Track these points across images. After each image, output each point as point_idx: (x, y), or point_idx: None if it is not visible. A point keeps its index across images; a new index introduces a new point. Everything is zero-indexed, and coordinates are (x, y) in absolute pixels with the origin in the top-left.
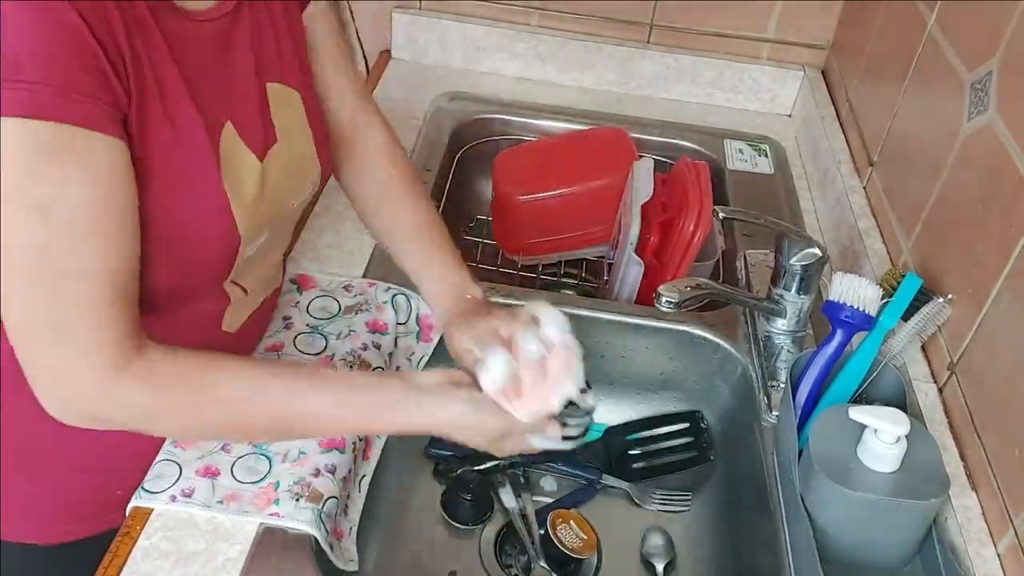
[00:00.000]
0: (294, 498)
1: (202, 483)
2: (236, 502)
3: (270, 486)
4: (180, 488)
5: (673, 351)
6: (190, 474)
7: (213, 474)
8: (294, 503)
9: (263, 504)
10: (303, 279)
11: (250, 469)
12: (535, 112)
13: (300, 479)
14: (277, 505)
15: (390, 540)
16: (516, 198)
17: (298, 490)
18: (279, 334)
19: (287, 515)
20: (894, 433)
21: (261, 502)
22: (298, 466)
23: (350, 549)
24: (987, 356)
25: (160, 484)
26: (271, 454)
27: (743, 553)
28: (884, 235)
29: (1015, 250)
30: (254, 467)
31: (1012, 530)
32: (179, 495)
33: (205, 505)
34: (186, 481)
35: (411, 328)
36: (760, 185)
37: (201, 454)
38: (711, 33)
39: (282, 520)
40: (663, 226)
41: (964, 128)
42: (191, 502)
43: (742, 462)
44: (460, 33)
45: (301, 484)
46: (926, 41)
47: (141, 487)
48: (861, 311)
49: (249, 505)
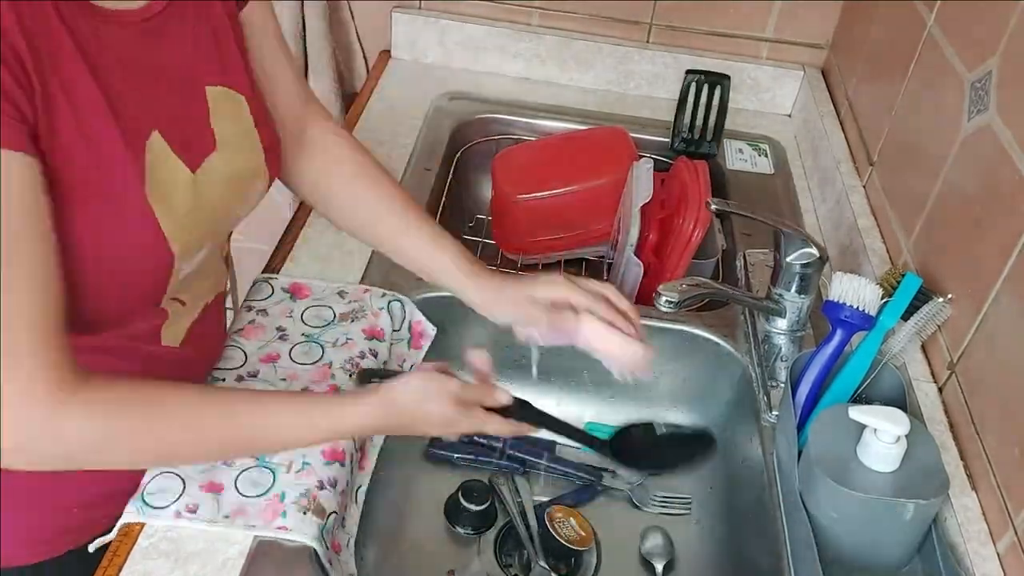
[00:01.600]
0: (301, 511)
1: (206, 498)
2: (242, 516)
3: (275, 498)
4: (184, 504)
5: (673, 351)
6: (193, 489)
7: (217, 489)
8: (301, 516)
9: (270, 516)
10: (296, 288)
11: (254, 482)
12: (535, 112)
13: (306, 491)
14: (284, 518)
15: (389, 540)
16: (515, 197)
17: (305, 503)
18: (273, 344)
19: (295, 528)
20: (894, 433)
21: (268, 515)
22: (304, 477)
23: (348, 562)
24: (987, 356)
25: (163, 499)
26: (275, 466)
27: (743, 553)
28: (884, 234)
29: (1015, 250)
30: (258, 480)
31: (1012, 530)
32: (184, 511)
33: (211, 521)
34: (189, 497)
35: (403, 335)
36: (760, 185)
37: (204, 468)
38: (711, 33)
39: (290, 534)
40: (662, 224)
41: (964, 128)
42: (196, 518)
43: (742, 462)
44: (460, 33)
45: (307, 497)
46: (926, 41)
47: (142, 500)
48: (861, 311)
49: (256, 519)
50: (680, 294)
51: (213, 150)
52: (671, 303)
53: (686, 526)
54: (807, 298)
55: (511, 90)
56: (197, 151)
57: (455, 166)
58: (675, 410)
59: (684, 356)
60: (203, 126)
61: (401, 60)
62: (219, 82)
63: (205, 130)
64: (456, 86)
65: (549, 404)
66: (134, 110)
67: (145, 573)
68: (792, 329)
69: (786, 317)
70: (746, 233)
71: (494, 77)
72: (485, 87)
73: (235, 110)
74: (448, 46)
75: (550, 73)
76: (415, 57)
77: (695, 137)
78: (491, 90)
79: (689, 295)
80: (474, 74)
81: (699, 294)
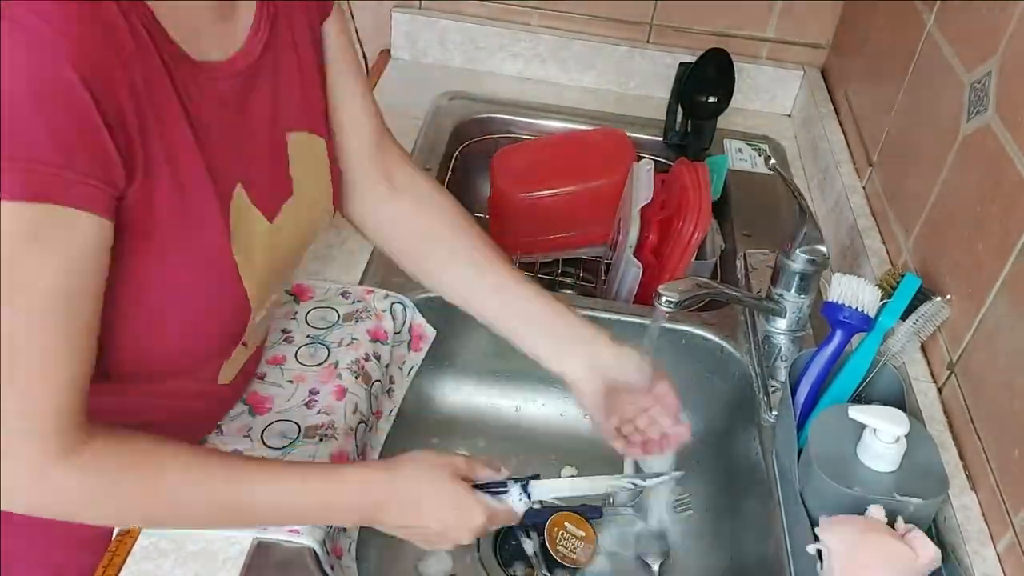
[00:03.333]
0: None
1: None
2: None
3: None
4: None
5: (673, 351)
6: None
7: None
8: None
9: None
10: (299, 290)
11: None
12: (535, 112)
13: None
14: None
15: (390, 542)
16: (513, 195)
17: None
18: (278, 347)
19: (305, 532)
20: (893, 433)
21: None
22: None
23: (350, 567)
24: (986, 356)
25: None
26: None
27: (743, 552)
28: (883, 235)
29: (1014, 250)
30: None
31: (1011, 529)
32: None
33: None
34: None
35: (403, 337)
36: (760, 185)
37: None
38: (711, 33)
39: (300, 536)
40: (661, 225)
41: (963, 128)
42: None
43: (741, 462)
44: (460, 32)
45: None
46: (925, 41)
47: None
48: (860, 312)
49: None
50: (680, 294)
51: (289, 196)
52: (671, 303)
53: (685, 526)
54: (807, 298)
55: (511, 90)
56: (275, 200)
57: (455, 166)
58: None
59: (684, 356)
60: (283, 174)
61: (401, 60)
62: (301, 127)
63: (284, 178)
64: (456, 86)
65: (549, 412)
66: (222, 163)
67: (145, 573)
68: (792, 329)
69: (786, 317)
70: (746, 233)
71: (494, 77)
72: (485, 87)
73: (314, 153)
74: (448, 46)
75: (550, 73)
76: (415, 57)
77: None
78: (491, 90)
79: (689, 295)
80: (474, 74)
81: (699, 294)
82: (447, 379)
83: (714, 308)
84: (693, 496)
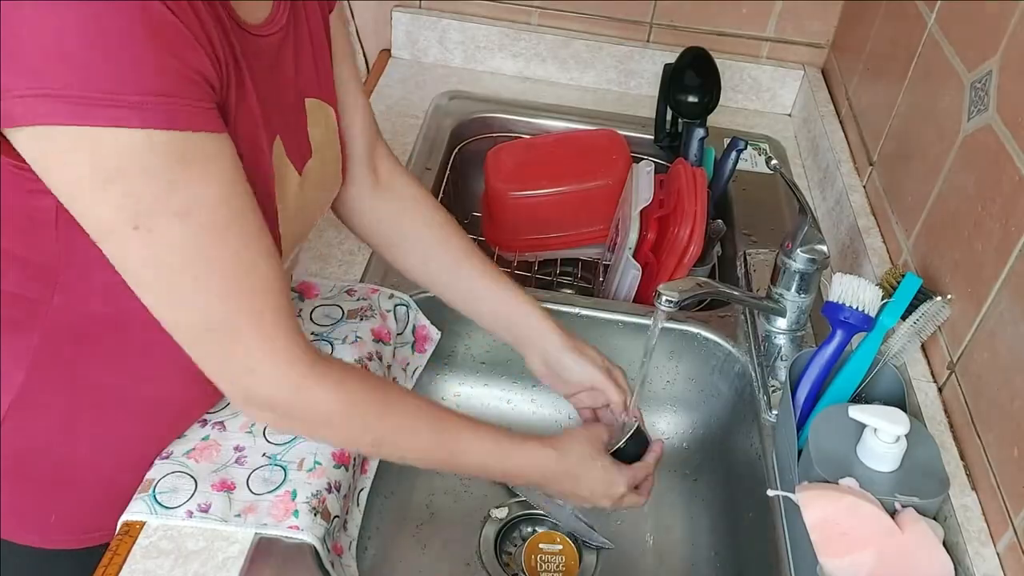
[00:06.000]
0: (312, 512)
1: (218, 497)
2: (254, 514)
3: (287, 494)
4: (196, 503)
5: (673, 351)
6: (206, 488)
7: (229, 488)
8: (312, 517)
9: (281, 515)
10: (305, 287)
11: (265, 480)
12: (535, 111)
13: (317, 492)
14: (296, 517)
15: (389, 540)
16: (506, 194)
17: (315, 504)
18: None
19: (306, 528)
20: (893, 432)
21: (279, 512)
22: (314, 477)
23: (350, 565)
24: (987, 355)
25: (176, 499)
26: (286, 463)
27: (743, 552)
28: (884, 234)
29: (1014, 250)
30: (269, 478)
31: (1012, 529)
32: (196, 510)
33: (223, 520)
34: (202, 495)
35: (407, 339)
36: (760, 185)
37: (216, 467)
38: (711, 32)
39: (300, 533)
40: (660, 223)
41: (964, 128)
42: (208, 517)
43: (742, 461)
44: (460, 32)
45: (318, 499)
46: (926, 41)
47: (153, 499)
48: (860, 312)
49: (267, 517)
50: (680, 294)
51: (311, 156)
52: (671, 303)
53: (685, 525)
54: (807, 298)
55: (511, 89)
56: (301, 156)
57: (455, 165)
58: (675, 410)
59: (684, 356)
60: (304, 134)
61: (401, 59)
62: (315, 95)
63: (306, 139)
64: (456, 85)
65: (545, 409)
66: (268, 115)
67: (145, 572)
68: (792, 329)
69: (786, 317)
70: (746, 233)
71: (494, 76)
72: (485, 86)
73: (325, 120)
74: (448, 45)
75: (550, 72)
76: (415, 56)
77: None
78: (491, 89)
79: (689, 294)
80: (474, 73)
81: (699, 293)
82: (447, 379)
83: (714, 308)
84: (693, 495)
